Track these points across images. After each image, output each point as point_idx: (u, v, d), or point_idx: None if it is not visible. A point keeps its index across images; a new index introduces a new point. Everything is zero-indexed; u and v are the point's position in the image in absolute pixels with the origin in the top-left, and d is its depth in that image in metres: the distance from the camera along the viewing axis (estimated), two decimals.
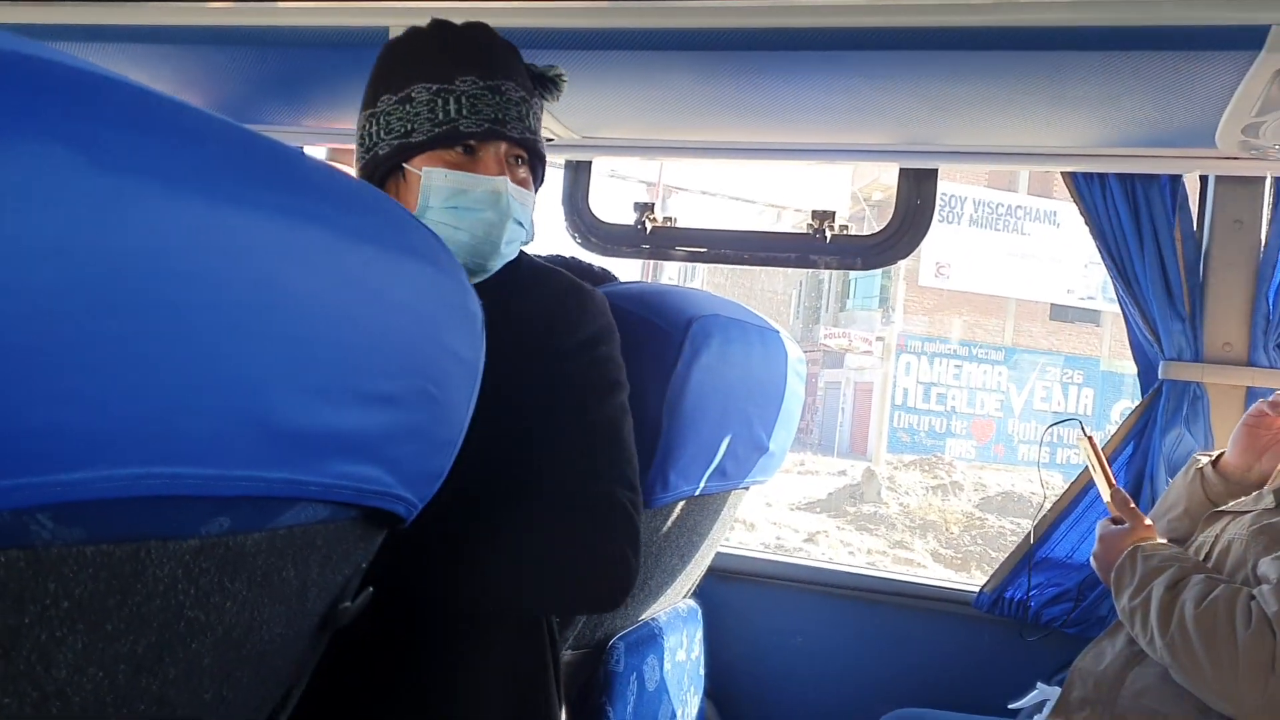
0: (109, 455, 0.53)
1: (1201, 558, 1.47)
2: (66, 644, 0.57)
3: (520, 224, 1.21)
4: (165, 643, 0.63)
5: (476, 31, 1.27)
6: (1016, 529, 9.30)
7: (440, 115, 1.19)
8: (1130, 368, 2.02)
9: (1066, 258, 15.83)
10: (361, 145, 1.27)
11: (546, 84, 1.28)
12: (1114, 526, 1.56)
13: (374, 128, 1.25)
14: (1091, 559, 1.59)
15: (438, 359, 0.78)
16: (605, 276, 1.73)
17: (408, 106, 1.21)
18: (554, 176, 2.30)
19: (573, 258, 1.78)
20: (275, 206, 0.61)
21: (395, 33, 1.63)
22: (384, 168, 1.24)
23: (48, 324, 0.48)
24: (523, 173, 1.22)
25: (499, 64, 1.23)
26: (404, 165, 1.21)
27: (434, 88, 1.20)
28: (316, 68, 1.80)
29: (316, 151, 2.37)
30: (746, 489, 1.82)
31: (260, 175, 0.61)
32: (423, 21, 1.61)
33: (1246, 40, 1.33)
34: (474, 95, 1.19)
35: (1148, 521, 1.56)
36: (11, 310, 0.46)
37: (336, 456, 0.69)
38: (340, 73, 1.82)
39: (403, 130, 1.21)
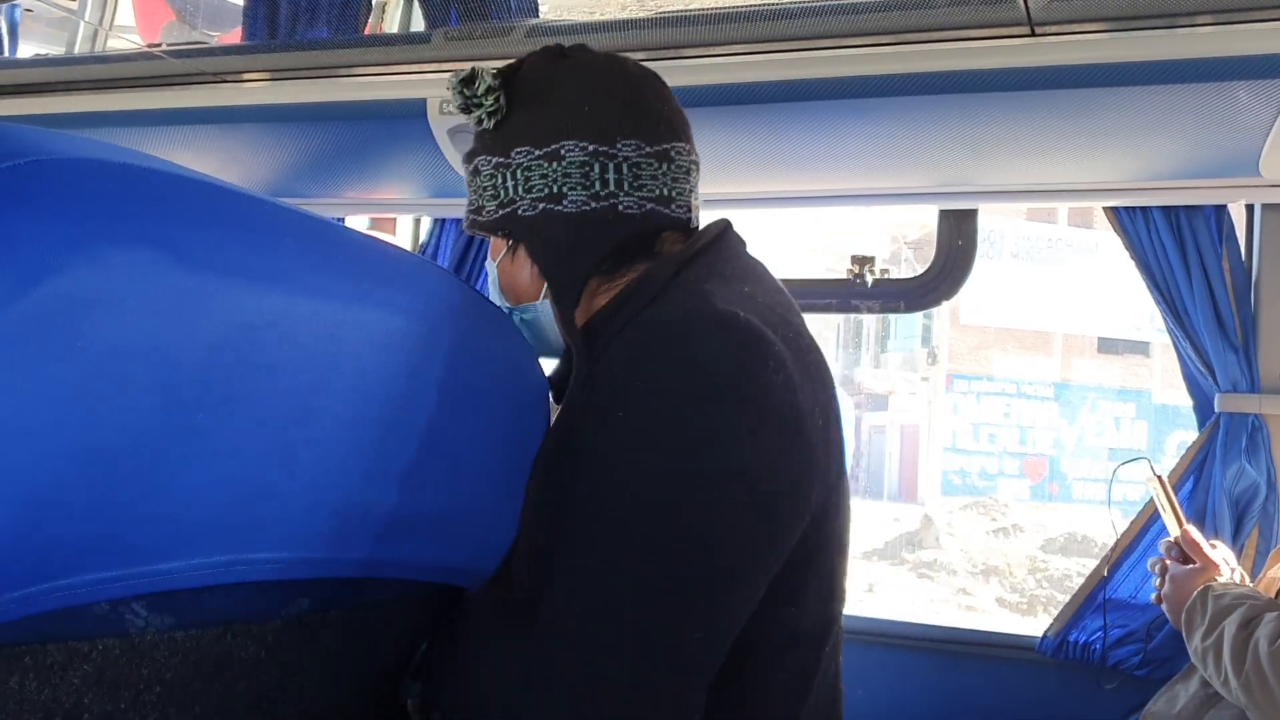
0: (199, 544, 0.55)
1: (1273, 594, 1.43)
2: None
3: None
4: None
5: None
6: (1083, 570, 9.10)
7: None
8: (1184, 399, 1.97)
9: (1111, 289, 15.66)
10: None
11: (470, 107, 0.99)
12: (1183, 567, 1.53)
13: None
14: (1160, 600, 1.56)
15: (505, 435, 0.79)
16: None
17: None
18: None
19: None
20: (350, 296, 0.62)
21: (433, 105, 1.67)
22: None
23: (139, 422, 0.50)
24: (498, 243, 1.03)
25: None
26: None
27: None
28: (355, 140, 1.85)
29: (358, 222, 2.42)
30: None
31: (335, 265, 0.63)
32: None
33: None
34: None
35: (1218, 560, 1.53)
36: (105, 410, 0.48)
37: (409, 535, 0.70)
38: (379, 144, 1.86)
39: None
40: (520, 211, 0.96)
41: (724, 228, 1.01)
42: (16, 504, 0.45)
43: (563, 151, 0.94)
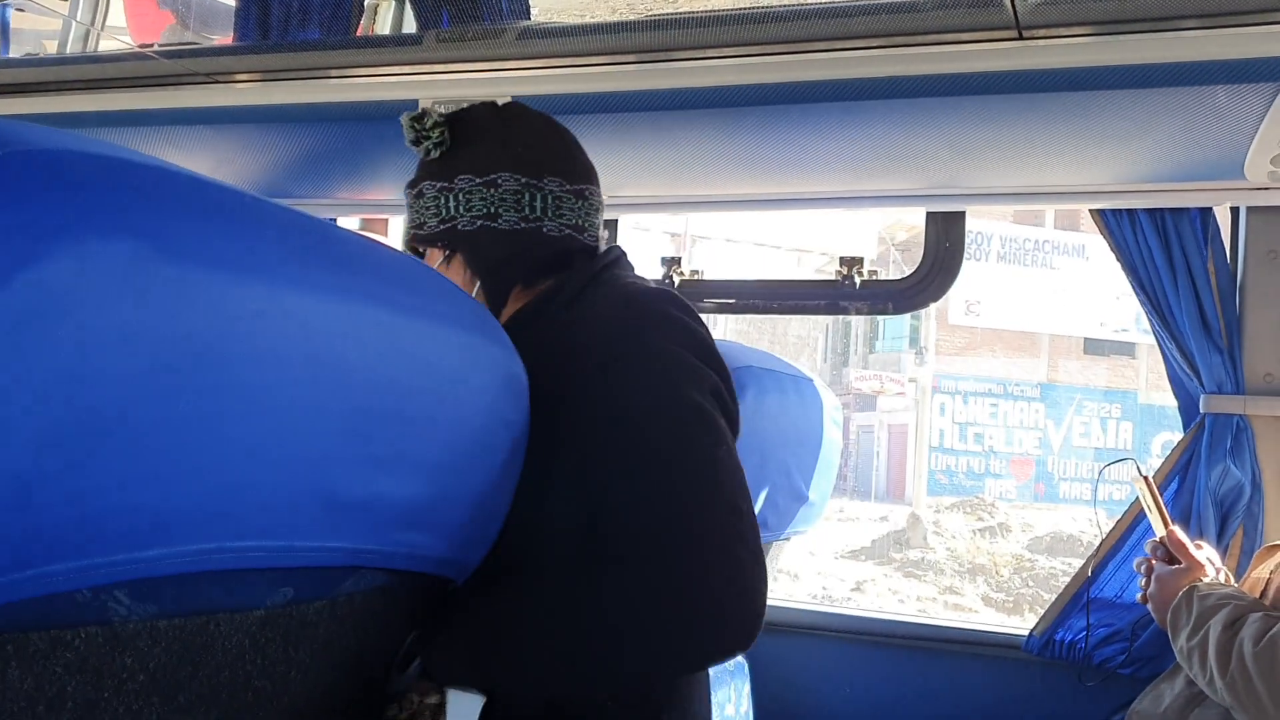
0: (181, 532, 0.55)
1: (1258, 594, 1.45)
2: (142, 717, 0.58)
3: None
4: (234, 712, 0.65)
5: None
6: (1068, 569, 9.13)
7: None
8: (1170, 399, 1.99)
9: (1097, 291, 15.70)
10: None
11: (421, 139, 1.18)
12: (1168, 567, 1.54)
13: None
14: (1146, 600, 1.57)
15: (487, 424, 0.79)
16: None
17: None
18: None
19: None
20: (332, 287, 0.63)
21: (425, 106, 1.68)
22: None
23: (121, 409, 0.50)
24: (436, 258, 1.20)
25: None
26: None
27: None
28: (348, 140, 1.85)
29: (349, 223, 2.42)
30: (788, 539, 1.82)
31: (317, 257, 0.63)
32: (452, 94, 1.66)
33: (1270, 72, 1.33)
34: None
35: (1203, 560, 1.54)
36: (87, 398, 0.48)
37: (393, 524, 0.70)
38: (372, 145, 1.86)
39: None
40: (460, 226, 1.15)
41: (621, 253, 1.21)
42: (1, 489, 0.46)
43: (499, 181, 1.14)
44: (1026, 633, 2.01)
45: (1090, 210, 1.96)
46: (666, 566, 0.89)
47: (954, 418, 17.50)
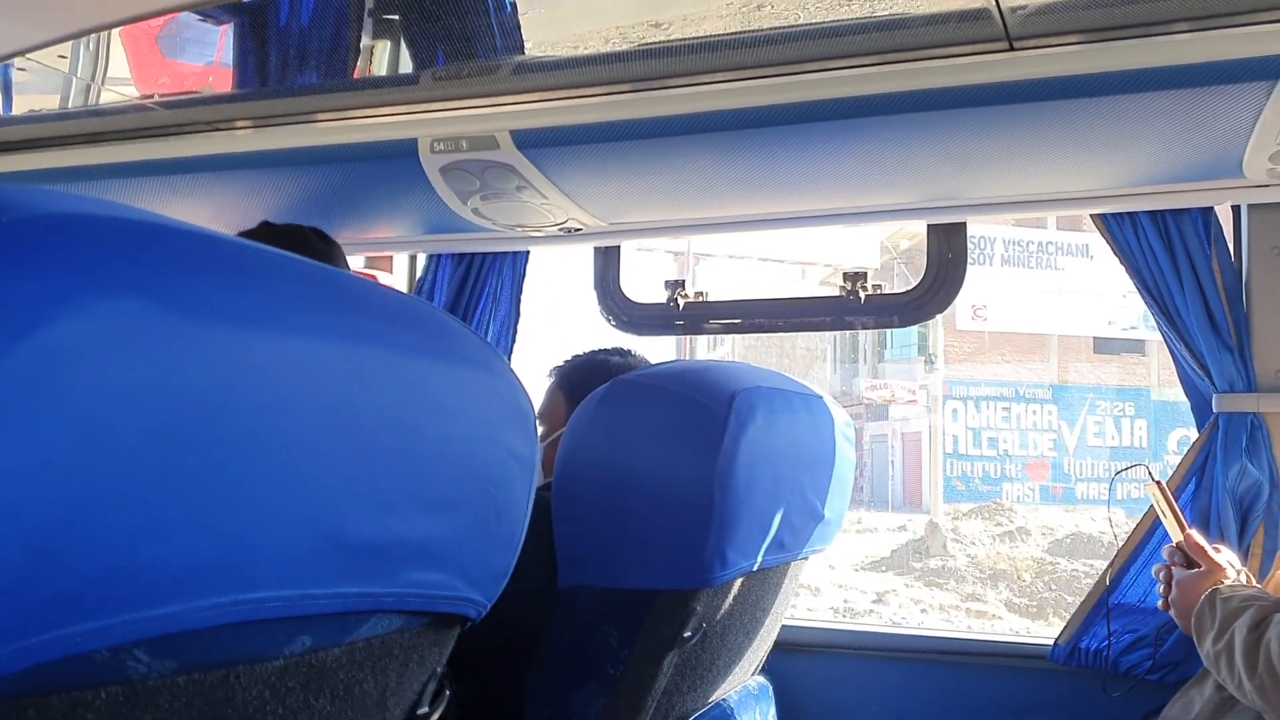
0: (197, 586, 0.55)
1: None
2: None
3: None
4: None
5: None
6: (1091, 571, 9.07)
7: None
8: (1182, 395, 1.98)
9: (1104, 290, 15.67)
10: None
11: None
12: (1188, 571, 1.53)
13: None
14: (1168, 607, 1.56)
15: (496, 459, 0.80)
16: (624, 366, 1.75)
17: None
18: (585, 261, 2.33)
19: (615, 349, 1.81)
20: (337, 331, 0.63)
21: (424, 144, 1.69)
22: None
23: (131, 466, 0.50)
24: None
25: None
26: None
27: None
28: (348, 181, 1.86)
29: (354, 261, 2.42)
30: (806, 559, 1.81)
31: (319, 304, 0.63)
32: (449, 131, 1.67)
33: (1263, 71, 1.33)
34: None
35: (1223, 563, 1.53)
36: (97, 455, 0.48)
37: (407, 565, 0.71)
38: (372, 184, 1.87)
39: None
40: None
41: None
42: (18, 552, 0.46)
43: None
44: (1052, 642, 2.00)
45: (1091, 215, 1.96)
46: None
47: (967, 423, 17.46)
